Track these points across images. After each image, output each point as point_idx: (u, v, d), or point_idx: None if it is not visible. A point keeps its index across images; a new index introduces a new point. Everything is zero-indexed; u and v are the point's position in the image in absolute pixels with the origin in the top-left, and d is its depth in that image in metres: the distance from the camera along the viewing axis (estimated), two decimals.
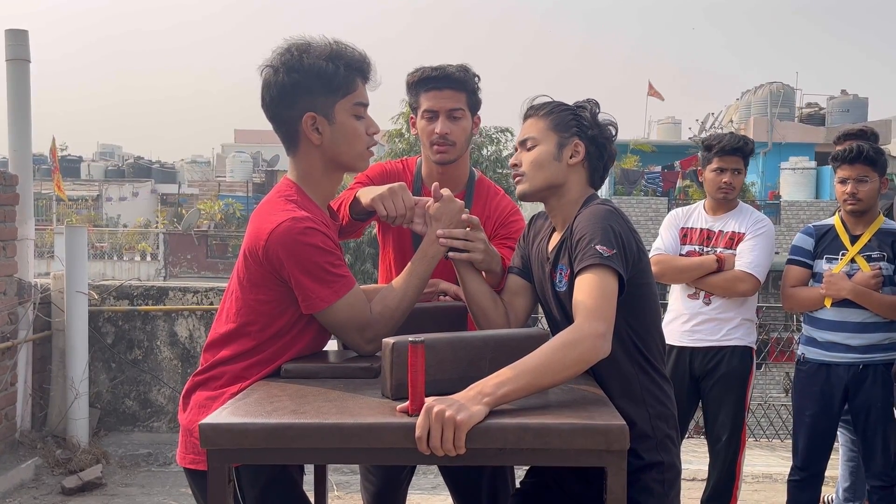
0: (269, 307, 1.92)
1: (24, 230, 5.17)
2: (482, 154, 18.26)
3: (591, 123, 1.99)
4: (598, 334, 1.69)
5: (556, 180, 1.99)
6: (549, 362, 1.63)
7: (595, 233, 1.83)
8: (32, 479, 4.73)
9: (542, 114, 2.02)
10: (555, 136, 1.99)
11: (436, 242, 2.04)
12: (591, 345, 1.68)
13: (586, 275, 1.79)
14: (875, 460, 3.33)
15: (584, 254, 1.81)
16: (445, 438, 1.49)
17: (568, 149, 1.98)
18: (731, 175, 3.46)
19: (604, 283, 1.77)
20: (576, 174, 2.00)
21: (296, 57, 1.91)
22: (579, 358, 1.66)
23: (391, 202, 2.06)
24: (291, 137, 1.97)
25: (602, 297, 1.74)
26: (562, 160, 1.98)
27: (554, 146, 1.98)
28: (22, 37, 5.37)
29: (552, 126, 1.99)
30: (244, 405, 1.66)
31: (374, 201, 2.08)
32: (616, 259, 1.80)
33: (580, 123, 1.99)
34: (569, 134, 1.98)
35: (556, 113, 2.00)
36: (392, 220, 2.08)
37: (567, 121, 1.99)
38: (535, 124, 2.02)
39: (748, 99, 25.59)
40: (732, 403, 3.43)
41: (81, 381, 5.13)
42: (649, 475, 1.89)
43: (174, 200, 32.13)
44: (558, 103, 2.04)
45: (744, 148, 3.48)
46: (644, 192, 20.72)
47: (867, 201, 3.32)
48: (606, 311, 1.73)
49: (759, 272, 3.36)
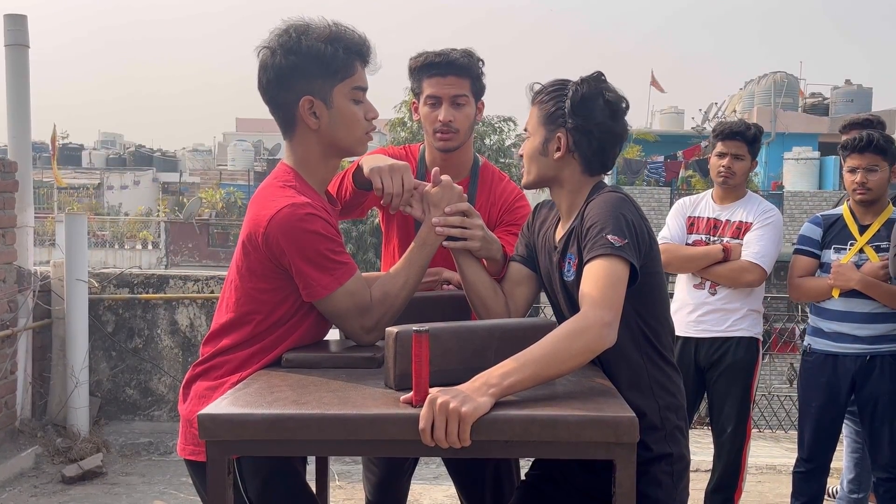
0: (268, 295, 1.88)
1: (23, 218, 5.14)
2: (485, 143, 18.20)
3: (572, 111, 1.90)
4: (605, 323, 1.66)
5: (546, 174, 1.98)
6: (555, 352, 1.60)
7: (607, 222, 1.79)
8: (32, 468, 4.71)
9: (536, 101, 1.98)
10: (542, 130, 1.95)
11: (434, 229, 2.00)
12: (596, 333, 1.65)
13: (595, 263, 1.75)
14: (882, 452, 3.30)
15: (594, 243, 1.78)
16: (450, 430, 1.46)
17: (552, 143, 1.94)
18: (730, 160, 3.40)
19: (612, 272, 1.73)
20: (567, 166, 1.95)
21: (294, 39, 1.87)
22: (585, 347, 1.63)
23: (389, 178, 1.99)
24: (288, 121, 1.93)
25: (610, 286, 1.71)
26: (548, 155, 1.95)
27: (540, 141, 1.96)
28: (21, 22, 5.31)
29: (541, 118, 1.96)
30: (244, 395, 1.63)
31: (373, 173, 2.01)
32: (628, 249, 1.76)
33: (563, 114, 1.92)
34: (554, 126, 1.93)
35: (545, 102, 1.95)
36: (388, 199, 2.00)
37: (551, 112, 1.94)
38: (532, 113, 1.99)
39: (751, 89, 25.47)
40: (738, 394, 3.39)
41: (82, 369, 5.11)
42: (658, 467, 1.86)
43: (175, 189, 32.12)
44: (549, 90, 1.96)
45: (745, 133, 3.42)
46: (647, 182, 20.66)
47: (877, 191, 3.29)
48: (613, 300, 1.70)
49: (766, 262, 3.32)
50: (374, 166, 2.03)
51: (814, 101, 25.35)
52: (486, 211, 2.48)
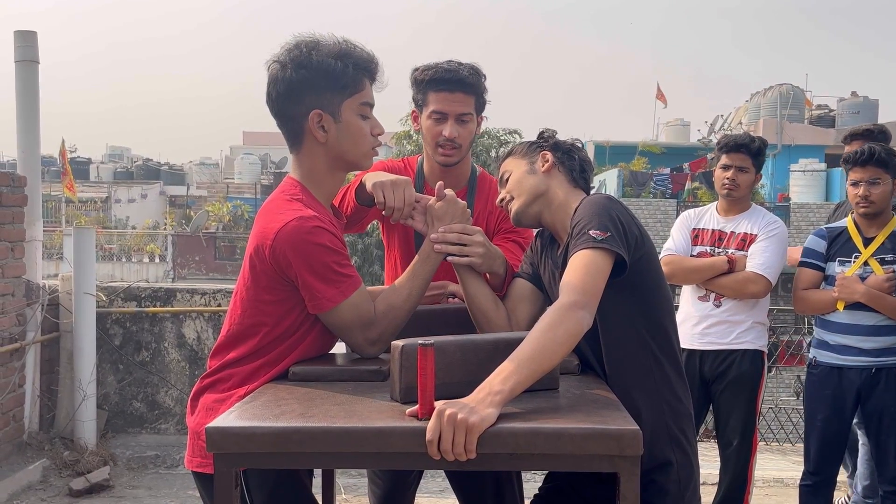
0: (274, 307, 1.90)
1: (32, 231, 5.17)
2: (490, 156, 18.21)
3: (549, 137, 2.18)
4: (579, 306, 1.70)
5: (538, 189, 2.09)
6: (542, 346, 1.64)
7: (591, 219, 1.86)
8: (40, 481, 4.73)
9: (509, 154, 2.20)
10: (525, 160, 2.15)
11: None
12: (573, 317, 1.69)
13: (575, 255, 1.81)
14: (888, 465, 3.29)
15: (577, 240, 1.84)
16: (457, 442, 1.47)
17: (538, 161, 2.12)
18: (734, 172, 3.43)
19: (590, 262, 1.78)
20: (554, 178, 2.10)
21: (304, 53, 1.90)
22: (567, 333, 1.67)
23: (391, 192, 2.04)
24: (296, 134, 1.96)
25: (586, 274, 1.76)
26: (536, 172, 2.11)
27: (526, 165, 2.14)
28: (30, 38, 5.36)
29: (520, 155, 2.17)
30: (251, 408, 1.64)
31: (376, 188, 2.06)
32: (611, 240, 1.81)
33: (540, 143, 2.17)
34: (535, 152, 2.15)
35: (518, 146, 2.20)
36: (390, 212, 2.05)
37: (528, 146, 2.18)
38: (507, 163, 2.19)
39: (758, 101, 25.50)
40: (743, 408, 3.39)
41: (89, 382, 5.13)
42: (663, 475, 1.87)
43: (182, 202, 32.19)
44: (519, 142, 2.26)
45: (749, 145, 3.45)
46: (653, 195, 20.67)
47: (880, 203, 3.30)
48: (588, 285, 1.75)
49: (771, 274, 3.32)
50: (377, 181, 2.07)
51: (820, 112, 25.36)
52: (484, 219, 2.51)
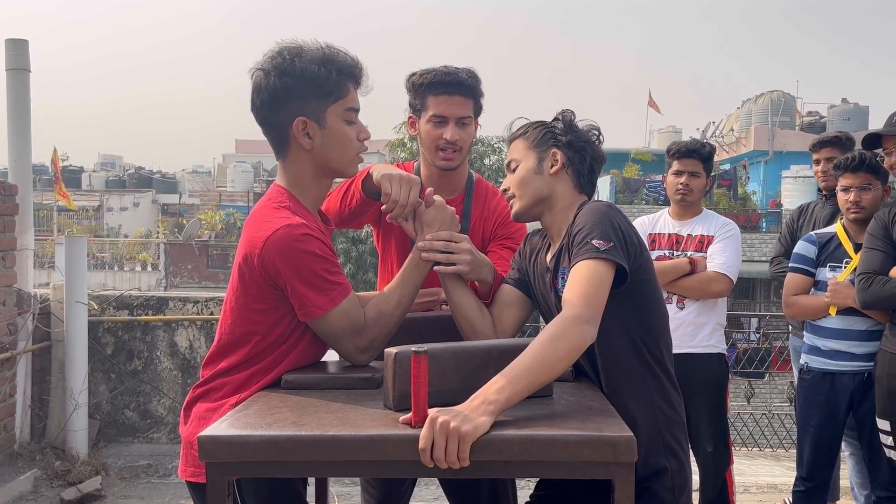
0: (264, 316, 1.90)
1: (23, 240, 5.15)
2: (484, 164, 18.24)
3: (564, 130, 2.04)
4: (583, 320, 1.69)
5: (542, 193, 2.03)
6: (543, 358, 1.63)
7: (593, 227, 1.83)
8: (31, 491, 4.69)
9: (521, 135, 2.09)
10: (534, 153, 2.04)
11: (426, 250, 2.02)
12: (577, 331, 1.68)
13: (578, 266, 1.80)
14: (881, 471, 3.29)
15: (579, 248, 1.83)
16: (450, 450, 1.46)
17: (547, 160, 2.03)
18: (687, 177, 3.50)
19: (594, 273, 1.77)
20: (561, 182, 2.03)
21: (287, 60, 1.89)
22: (569, 347, 1.66)
23: (399, 186, 2.02)
24: (281, 142, 1.95)
25: (590, 286, 1.74)
26: (543, 173, 2.03)
27: (534, 162, 2.04)
28: (22, 46, 5.35)
29: (530, 144, 2.06)
30: (244, 417, 1.63)
31: (384, 179, 2.04)
32: (613, 251, 1.80)
33: (554, 134, 2.04)
34: (546, 147, 2.04)
35: (532, 130, 2.07)
36: (392, 206, 2.03)
37: (542, 135, 2.05)
38: (517, 146, 2.08)
39: (749, 108, 25.61)
40: (716, 413, 3.43)
41: (81, 391, 5.10)
42: (657, 482, 1.87)
43: (175, 210, 32.15)
44: (533, 122, 2.09)
45: (700, 150, 3.53)
46: (645, 201, 20.72)
47: (870, 209, 3.31)
48: (592, 298, 1.73)
49: (732, 272, 3.39)
50: (387, 173, 2.06)
51: (811, 119, 25.47)
52: (480, 225, 2.51)
